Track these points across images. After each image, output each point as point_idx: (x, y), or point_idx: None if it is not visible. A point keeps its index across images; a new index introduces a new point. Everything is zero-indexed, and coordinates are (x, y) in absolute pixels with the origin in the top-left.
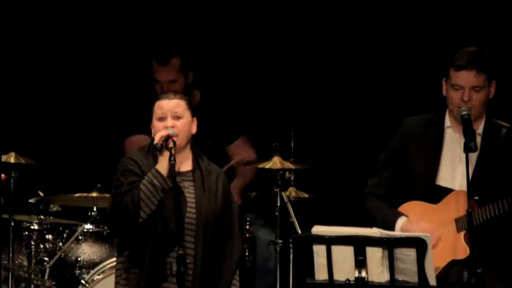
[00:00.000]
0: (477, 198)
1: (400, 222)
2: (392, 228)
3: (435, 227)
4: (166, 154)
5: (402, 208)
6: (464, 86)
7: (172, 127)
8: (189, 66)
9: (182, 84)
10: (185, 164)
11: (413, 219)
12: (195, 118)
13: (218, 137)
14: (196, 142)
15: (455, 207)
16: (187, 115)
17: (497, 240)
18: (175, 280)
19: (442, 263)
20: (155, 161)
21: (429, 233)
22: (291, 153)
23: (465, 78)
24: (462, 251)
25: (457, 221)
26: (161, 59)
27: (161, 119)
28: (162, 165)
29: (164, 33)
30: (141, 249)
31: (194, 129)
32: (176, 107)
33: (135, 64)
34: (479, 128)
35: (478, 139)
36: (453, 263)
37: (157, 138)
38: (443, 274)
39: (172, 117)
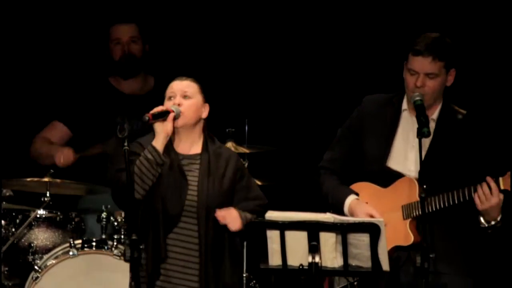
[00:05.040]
0: (425, 186)
1: (349, 200)
2: (341, 205)
3: (380, 212)
4: (162, 129)
5: (353, 188)
6: (419, 71)
7: (178, 105)
8: (146, 39)
9: (141, 49)
10: (194, 147)
11: (362, 200)
12: (207, 104)
13: None
14: (143, 126)
15: (403, 193)
16: (197, 97)
17: (450, 228)
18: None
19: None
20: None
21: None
22: (245, 139)
23: (420, 64)
24: (406, 238)
25: (403, 208)
26: (123, 18)
27: (170, 98)
28: (158, 140)
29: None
30: (144, 229)
31: (204, 114)
32: (186, 87)
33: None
34: (434, 114)
35: (432, 125)
36: (396, 249)
37: (153, 110)
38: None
39: (181, 95)
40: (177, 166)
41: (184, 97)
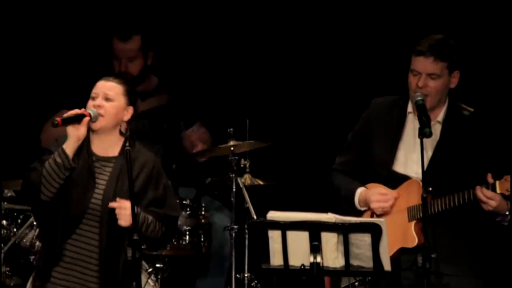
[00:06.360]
0: (430, 189)
1: (360, 190)
2: (352, 196)
3: (390, 191)
4: (74, 133)
5: None
6: (421, 72)
7: (99, 106)
8: (150, 47)
9: (140, 65)
10: (112, 149)
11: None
12: (131, 107)
13: (173, 123)
14: (150, 126)
15: (409, 195)
16: (120, 100)
17: (455, 229)
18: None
19: (392, 250)
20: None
21: (385, 195)
22: (246, 139)
23: (423, 64)
24: (412, 240)
25: (409, 210)
26: (123, 35)
27: (93, 98)
28: (68, 144)
29: (125, 11)
30: (44, 230)
31: (126, 117)
32: (109, 89)
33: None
34: (440, 116)
35: (438, 127)
36: (402, 251)
37: (67, 114)
38: (392, 260)
39: (103, 97)
40: (87, 167)
41: (106, 99)
